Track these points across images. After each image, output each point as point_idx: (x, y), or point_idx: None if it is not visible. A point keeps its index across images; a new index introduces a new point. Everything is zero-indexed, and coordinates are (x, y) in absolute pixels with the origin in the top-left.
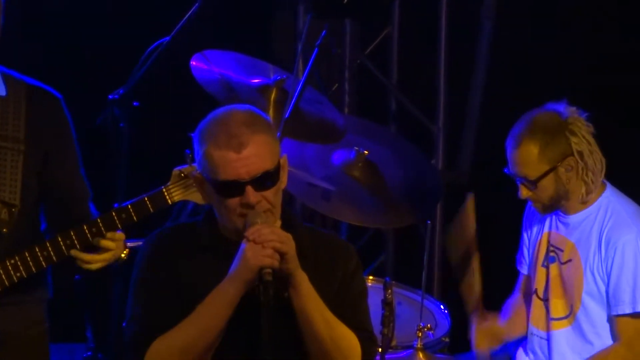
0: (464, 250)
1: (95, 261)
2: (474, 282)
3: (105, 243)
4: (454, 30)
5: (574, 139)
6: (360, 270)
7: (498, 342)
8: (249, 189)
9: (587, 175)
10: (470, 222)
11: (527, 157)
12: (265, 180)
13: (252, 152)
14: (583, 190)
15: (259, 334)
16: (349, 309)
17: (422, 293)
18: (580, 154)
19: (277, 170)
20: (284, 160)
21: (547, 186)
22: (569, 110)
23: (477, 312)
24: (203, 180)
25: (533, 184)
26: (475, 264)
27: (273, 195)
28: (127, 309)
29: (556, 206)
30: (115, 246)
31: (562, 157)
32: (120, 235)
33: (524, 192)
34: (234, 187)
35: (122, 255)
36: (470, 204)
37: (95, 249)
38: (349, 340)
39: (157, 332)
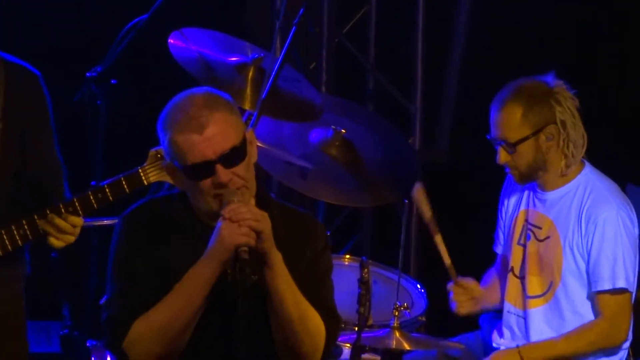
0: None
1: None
2: (442, 257)
3: (64, 225)
4: (431, 9)
5: (558, 108)
6: (328, 249)
7: (477, 305)
8: (219, 167)
9: (567, 147)
10: (423, 209)
11: (510, 119)
12: (233, 156)
13: (215, 131)
14: (562, 163)
15: (235, 313)
16: (314, 287)
17: (398, 272)
18: (563, 123)
19: (243, 145)
20: (250, 135)
21: (526, 152)
22: (556, 82)
23: (452, 279)
24: (174, 168)
25: (513, 147)
26: (439, 243)
27: (244, 171)
28: (107, 287)
29: (534, 176)
30: (74, 231)
31: (545, 123)
32: (79, 221)
33: (502, 156)
34: (204, 169)
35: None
36: (419, 192)
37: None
38: (315, 320)
39: (136, 313)
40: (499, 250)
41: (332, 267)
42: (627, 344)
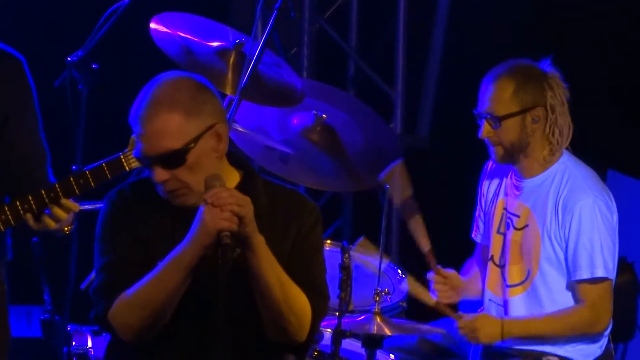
0: (403, 210)
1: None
2: (419, 242)
3: (58, 212)
4: None
5: (549, 93)
6: (319, 226)
7: (457, 296)
8: (156, 166)
9: (553, 134)
10: (403, 186)
11: (500, 93)
12: (168, 159)
13: (154, 130)
14: (545, 151)
15: (216, 296)
16: (302, 264)
17: (380, 257)
18: (552, 108)
19: (185, 150)
20: (204, 144)
21: (511, 129)
22: (551, 68)
23: (432, 268)
24: None
25: (498, 120)
26: (417, 226)
27: (187, 175)
28: (94, 263)
29: (515, 158)
30: (66, 217)
31: (533, 104)
32: (74, 205)
33: (485, 130)
34: (145, 163)
35: (66, 229)
36: (397, 168)
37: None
38: (300, 300)
39: (120, 286)
40: (477, 238)
41: (323, 245)
42: (607, 331)
